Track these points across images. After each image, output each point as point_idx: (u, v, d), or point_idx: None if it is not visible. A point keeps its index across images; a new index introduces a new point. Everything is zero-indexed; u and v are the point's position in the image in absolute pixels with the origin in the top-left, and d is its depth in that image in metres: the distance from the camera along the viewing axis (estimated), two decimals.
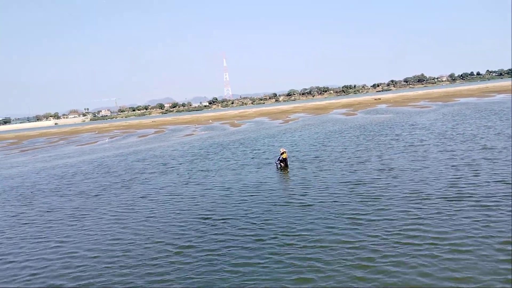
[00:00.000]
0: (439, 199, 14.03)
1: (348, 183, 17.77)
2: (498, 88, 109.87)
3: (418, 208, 13.36)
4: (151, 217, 15.84)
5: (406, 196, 14.87)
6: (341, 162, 23.06)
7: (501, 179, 15.73)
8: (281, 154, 23.79)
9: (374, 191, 15.99)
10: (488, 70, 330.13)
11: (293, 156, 26.58)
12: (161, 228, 14.26)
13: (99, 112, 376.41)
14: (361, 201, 14.82)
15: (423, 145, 26.04)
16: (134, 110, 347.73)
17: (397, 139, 29.85)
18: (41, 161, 42.63)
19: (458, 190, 14.87)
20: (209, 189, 19.80)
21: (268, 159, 27.34)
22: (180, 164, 29.05)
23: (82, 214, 17.47)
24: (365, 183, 17.43)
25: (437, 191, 15.03)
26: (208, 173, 24.31)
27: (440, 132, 31.49)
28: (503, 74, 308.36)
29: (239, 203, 16.52)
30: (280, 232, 12.55)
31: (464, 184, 15.66)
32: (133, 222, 15.45)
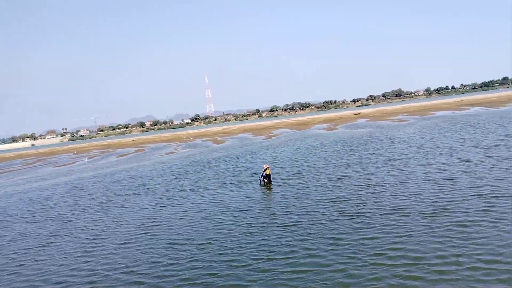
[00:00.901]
0: (420, 216, 13.76)
1: (330, 201, 17.37)
2: (472, 101, 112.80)
3: (399, 226, 13.05)
4: (123, 244, 15.00)
5: (388, 213, 14.55)
6: (323, 178, 22.77)
7: (478, 194, 15.60)
8: (265, 170, 23.56)
9: (355, 209, 15.63)
10: (462, 84, 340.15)
11: (276, 173, 26.23)
12: (132, 256, 13.44)
13: (77, 132, 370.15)
14: (343, 220, 14.41)
15: (403, 159, 26.04)
16: (114, 129, 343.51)
17: (377, 153, 29.85)
18: (14, 184, 41.12)
19: (438, 206, 14.65)
20: (187, 211, 19.02)
21: (251, 176, 26.90)
22: (159, 184, 28.25)
23: (51, 242, 16.52)
24: (347, 200, 17.08)
25: (417, 207, 14.77)
26: (187, 193, 23.56)
27: (418, 145, 31.69)
28: (476, 87, 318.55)
29: (217, 226, 15.85)
30: (257, 257, 11.99)
31: (444, 199, 15.46)
32: (103, 250, 14.61)
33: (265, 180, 23.43)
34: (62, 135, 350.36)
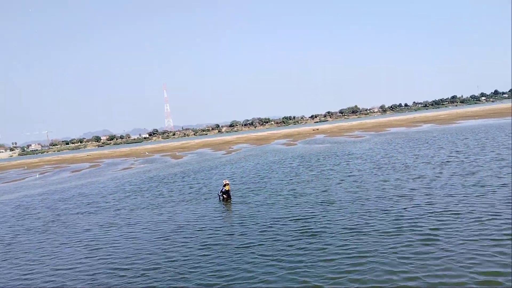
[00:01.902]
0: (379, 234, 13.65)
1: (289, 219, 16.95)
2: (424, 119, 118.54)
3: (358, 245, 12.82)
4: (61, 269, 13.84)
5: (347, 232, 14.29)
6: (282, 195, 22.48)
7: (433, 210, 15.82)
8: (224, 186, 23.20)
9: (314, 227, 15.28)
10: (414, 102, 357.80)
11: (236, 189, 25.74)
12: (68, 283, 12.43)
13: (28, 146, 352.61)
14: (302, 239, 14.01)
15: (360, 175, 26.35)
16: (67, 144, 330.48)
17: (335, 170, 30.11)
18: None
19: (396, 223, 14.64)
20: (137, 231, 17.94)
21: (209, 192, 26.29)
22: (110, 202, 26.93)
23: None
24: (306, 218, 16.68)
25: (376, 225, 14.69)
26: (140, 212, 22.48)
27: (374, 161, 32.39)
28: (428, 105, 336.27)
29: (168, 248, 14.94)
30: (209, 281, 11.37)
31: (401, 216, 15.47)
32: (40, 277, 13.41)
33: (224, 196, 23.06)
34: (11, 149, 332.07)
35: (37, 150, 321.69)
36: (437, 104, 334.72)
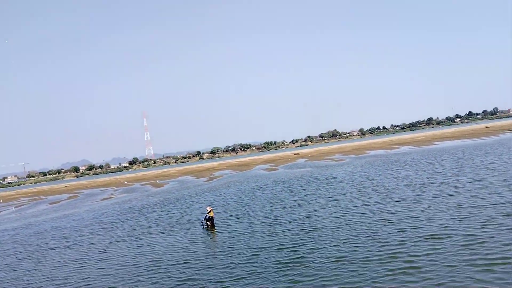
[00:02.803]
0: (365, 262, 13.38)
1: (272, 248, 16.57)
2: (402, 141, 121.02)
3: (345, 276, 12.44)
4: None
5: (331, 262, 13.91)
6: (264, 222, 22.04)
7: (417, 235, 15.71)
8: (208, 212, 23.16)
9: (299, 257, 14.83)
10: (392, 125, 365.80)
11: (220, 217, 24.99)
12: None
13: (4, 178, 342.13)
14: (284, 271, 13.50)
15: (342, 199, 26.26)
16: (45, 175, 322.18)
17: (317, 194, 30.01)
18: None
19: (381, 250, 14.36)
20: (109, 268, 17.09)
21: (190, 221, 25.81)
22: (87, 235, 25.96)
23: None
24: (290, 247, 16.22)
25: (361, 252, 14.39)
26: (116, 245, 21.64)
27: (356, 184, 32.47)
28: (405, 128, 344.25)
29: (145, 281, 14.33)
30: None
31: (386, 243, 15.18)
32: None
33: (208, 223, 23.03)
34: None
35: (13, 182, 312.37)
36: (414, 126, 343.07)
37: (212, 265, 15.36)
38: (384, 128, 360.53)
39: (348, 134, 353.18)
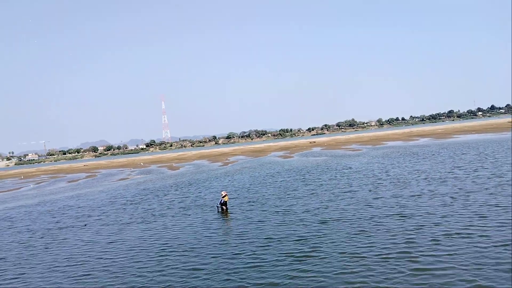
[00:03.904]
0: (379, 258, 13.01)
1: (284, 238, 16.27)
2: (421, 133, 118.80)
3: (356, 272, 12.08)
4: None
5: (345, 256, 13.64)
6: (278, 212, 21.75)
7: (441, 232, 15.24)
8: (223, 197, 23.46)
9: (310, 249, 14.49)
10: (411, 116, 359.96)
11: (233, 203, 25.07)
12: None
13: (25, 156, 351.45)
14: (295, 264, 13.28)
15: (358, 191, 25.82)
16: (65, 154, 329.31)
17: (333, 184, 29.65)
18: None
19: (396, 246, 13.95)
20: (118, 251, 17.16)
21: (205, 204, 25.82)
22: (102, 215, 26.25)
23: None
24: (302, 239, 15.89)
25: (376, 248, 14.01)
26: (130, 226, 21.75)
27: (372, 176, 31.94)
28: (424, 119, 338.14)
29: (149, 269, 14.16)
30: None
31: (405, 240, 14.67)
32: None
33: (223, 207, 23.29)
34: (8, 159, 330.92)
35: (34, 159, 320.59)
36: (434, 118, 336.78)
37: (221, 254, 15.07)
38: (403, 119, 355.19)
39: (365, 124, 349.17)
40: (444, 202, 19.87)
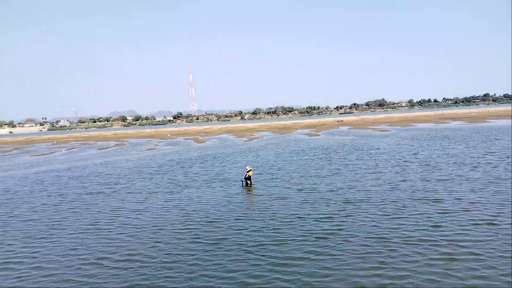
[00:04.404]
0: (404, 244, 12.75)
1: (307, 216, 16.16)
2: (453, 115, 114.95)
3: (378, 255, 11.88)
4: (51, 255, 13.61)
5: (367, 239, 13.50)
6: (302, 189, 21.60)
7: (472, 219, 14.76)
8: (247, 171, 23.63)
9: (333, 230, 14.27)
10: (444, 98, 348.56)
11: (257, 179, 24.89)
12: (57, 271, 12.24)
13: (57, 122, 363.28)
14: (316, 243, 13.15)
15: (385, 173, 25.31)
16: (95, 122, 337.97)
17: (359, 165, 29.18)
18: None
19: (423, 231, 13.62)
20: (140, 220, 17.63)
21: (227, 178, 25.90)
22: (128, 183, 26.85)
23: None
24: (325, 218, 15.70)
25: (401, 231, 13.71)
26: (152, 197, 22.13)
27: (401, 158, 31.17)
28: (458, 102, 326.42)
29: (175, 238, 14.50)
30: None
31: (434, 226, 14.24)
32: (28, 263, 13.18)
33: (248, 181, 23.49)
34: (41, 124, 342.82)
35: (65, 126, 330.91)
36: (467, 101, 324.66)
37: (244, 228, 15.08)
38: (435, 101, 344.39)
39: (396, 105, 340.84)
40: (474, 188, 19.23)
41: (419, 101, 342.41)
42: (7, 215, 19.91)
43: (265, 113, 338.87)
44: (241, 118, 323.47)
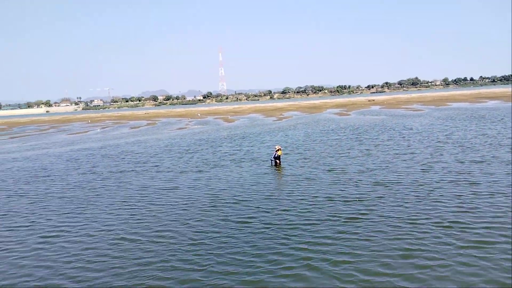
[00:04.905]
0: (434, 227, 12.45)
1: (334, 199, 15.92)
2: (491, 95, 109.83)
3: (408, 240, 11.61)
4: (84, 229, 14.10)
5: (397, 223, 13.26)
6: (331, 170, 21.31)
7: (505, 202, 14.22)
8: (276, 151, 23.76)
9: (362, 212, 14.07)
10: (481, 76, 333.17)
11: (286, 159, 24.63)
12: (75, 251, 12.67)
13: (91, 101, 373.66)
14: (345, 225, 12.94)
15: (418, 154, 24.59)
16: (127, 101, 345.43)
17: (390, 145, 28.54)
18: (15, 150, 40.79)
19: (458, 215, 13.18)
20: (169, 199, 17.99)
21: (256, 158, 26.12)
22: (155, 163, 27.36)
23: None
24: (354, 201, 15.42)
25: (431, 218, 13.37)
26: (182, 176, 22.45)
27: (435, 138, 30.14)
28: (496, 80, 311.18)
29: (202, 218, 14.68)
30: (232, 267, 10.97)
31: (463, 209, 13.74)
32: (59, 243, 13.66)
33: (277, 161, 23.61)
34: (76, 103, 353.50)
35: (99, 105, 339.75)
36: (506, 80, 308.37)
37: (271, 209, 15.02)
38: (471, 79, 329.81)
39: (430, 83, 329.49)
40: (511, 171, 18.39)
41: (454, 80, 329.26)
42: (44, 191, 20.76)
43: (294, 92, 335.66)
44: (271, 97, 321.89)
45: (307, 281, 9.37)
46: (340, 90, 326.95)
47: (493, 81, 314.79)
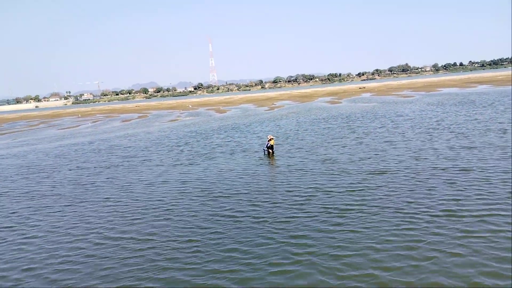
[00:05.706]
0: (428, 218, 12.39)
1: (327, 189, 15.77)
2: (480, 79, 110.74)
3: (404, 234, 11.48)
4: (77, 225, 13.78)
5: (395, 212, 13.20)
6: (322, 160, 21.22)
7: (502, 186, 14.15)
8: (269, 140, 23.75)
9: (355, 204, 13.96)
10: (471, 61, 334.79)
11: (278, 148, 24.19)
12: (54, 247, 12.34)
13: (81, 95, 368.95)
14: (338, 218, 12.79)
15: (410, 140, 24.56)
16: (117, 94, 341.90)
17: (382, 132, 28.47)
18: (4, 147, 40.10)
19: (455, 204, 13.07)
20: (160, 193, 17.68)
21: (249, 148, 25.73)
22: (146, 156, 26.96)
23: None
24: (350, 190, 15.29)
25: (425, 209, 13.34)
26: (173, 168, 22.18)
27: (426, 124, 30.19)
28: (485, 65, 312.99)
29: (192, 212, 14.43)
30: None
31: (462, 197, 13.78)
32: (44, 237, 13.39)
33: (270, 150, 23.62)
34: (66, 98, 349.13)
35: (89, 99, 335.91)
36: (495, 64, 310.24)
37: (263, 202, 14.77)
38: (461, 64, 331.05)
39: (420, 70, 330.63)
40: (505, 156, 18.38)
41: (444, 65, 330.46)
42: (29, 190, 20.33)
43: (285, 81, 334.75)
44: (262, 87, 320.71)
45: (300, 278, 9.19)
46: (331, 78, 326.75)
47: (482, 65, 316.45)
